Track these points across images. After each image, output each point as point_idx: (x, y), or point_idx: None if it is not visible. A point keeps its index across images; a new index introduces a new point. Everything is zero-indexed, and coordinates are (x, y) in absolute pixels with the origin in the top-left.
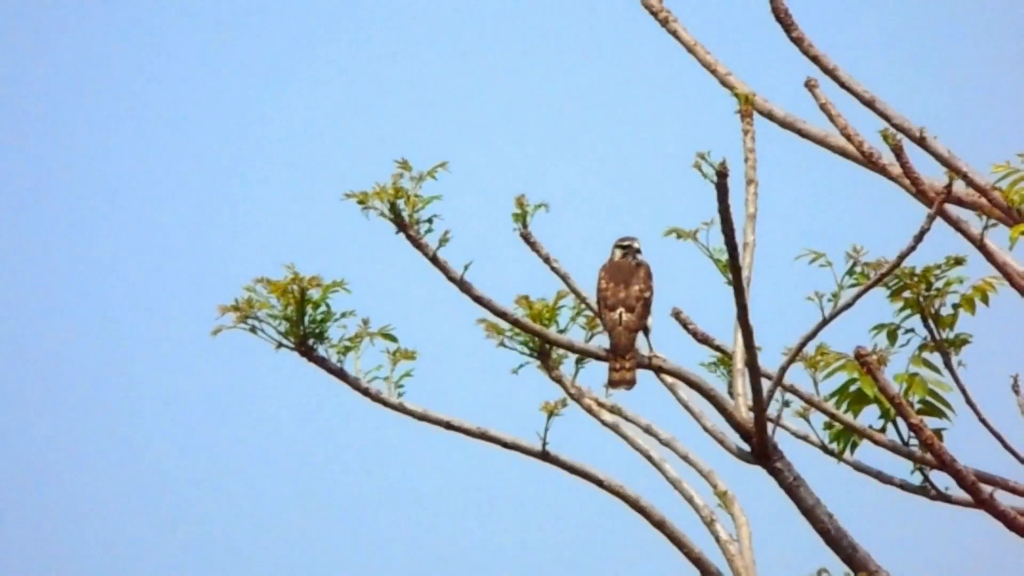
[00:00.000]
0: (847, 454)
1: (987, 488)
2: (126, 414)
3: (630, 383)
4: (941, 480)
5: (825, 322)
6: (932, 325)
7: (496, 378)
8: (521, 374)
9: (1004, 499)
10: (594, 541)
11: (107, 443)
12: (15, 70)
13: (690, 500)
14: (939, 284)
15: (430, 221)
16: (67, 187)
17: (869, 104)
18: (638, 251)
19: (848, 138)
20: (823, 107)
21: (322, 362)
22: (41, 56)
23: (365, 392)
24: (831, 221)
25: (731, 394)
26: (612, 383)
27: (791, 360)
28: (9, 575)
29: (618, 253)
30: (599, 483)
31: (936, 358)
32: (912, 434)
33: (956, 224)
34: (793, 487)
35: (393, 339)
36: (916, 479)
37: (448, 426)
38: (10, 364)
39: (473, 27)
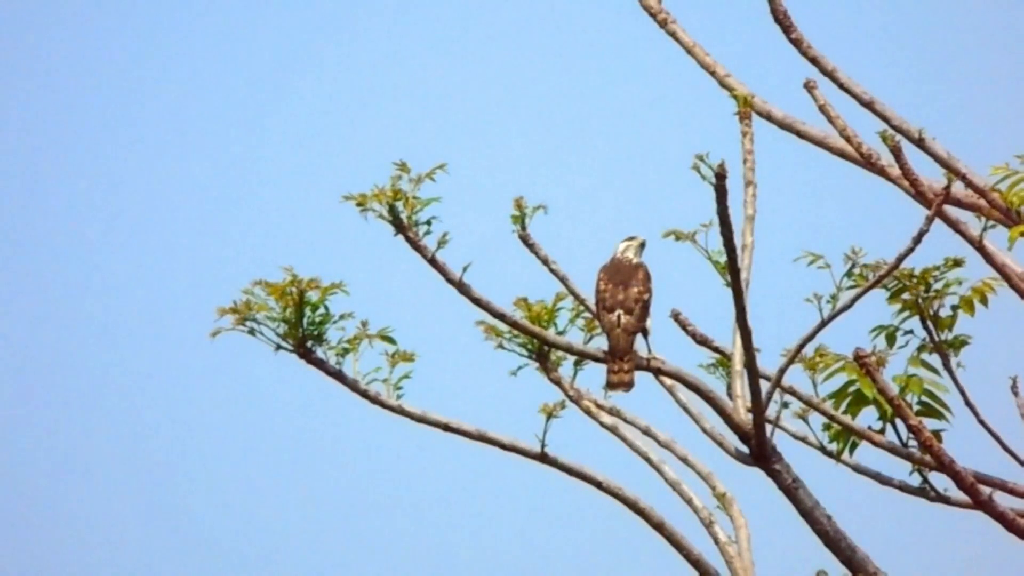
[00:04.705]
0: (846, 455)
1: (986, 489)
2: (126, 415)
3: (628, 385)
4: (940, 481)
5: (824, 324)
6: (931, 327)
7: (495, 380)
8: (520, 376)
9: (1003, 500)
10: (593, 543)
11: (107, 443)
12: (15, 70)
13: (689, 502)
14: (938, 286)
15: (429, 223)
16: (67, 188)
17: (868, 105)
18: (643, 244)
19: (847, 139)
20: (822, 108)
21: (321, 364)
22: (41, 56)
23: (364, 394)
24: (830, 223)
25: (730, 396)
26: (610, 385)
27: (790, 362)
28: (9, 575)
29: (622, 246)
30: (598, 485)
31: (935, 359)
32: (911, 435)
33: (955, 225)
34: (792, 488)
35: (392, 341)
36: (915, 480)
37: (447, 428)
38: (10, 364)
39: (473, 28)
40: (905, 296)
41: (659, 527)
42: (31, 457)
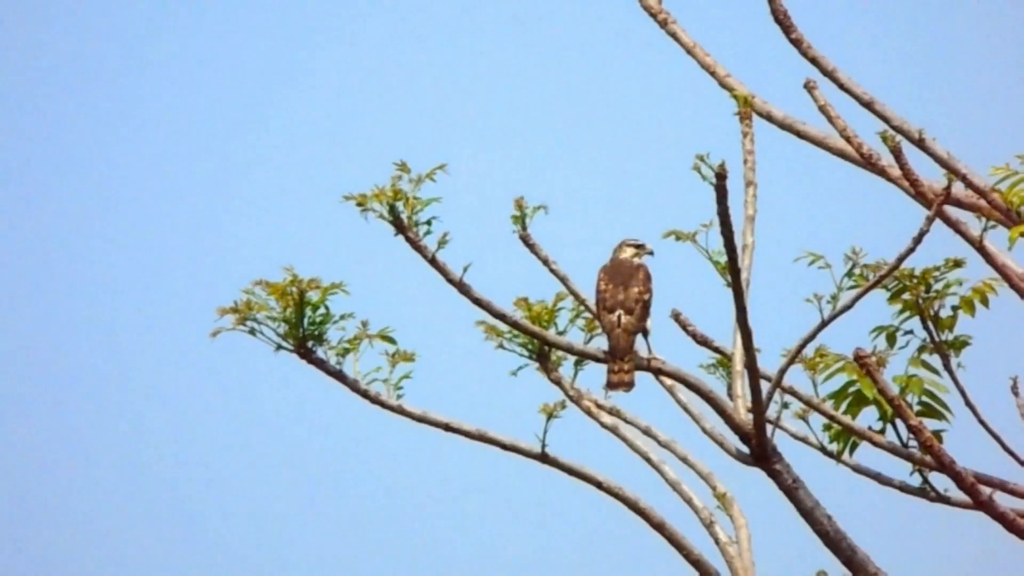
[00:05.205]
0: (846, 456)
1: (986, 490)
2: (126, 415)
3: (628, 385)
4: (940, 482)
5: (824, 324)
6: (931, 327)
7: (495, 380)
8: (520, 376)
9: (1003, 501)
10: (593, 543)
11: (107, 443)
12: (15, 70)
13: (689, 502)
14: (938, 286)
15: (429, 223)
16: (67, 188)
17: (868, 106)
18: (650, 253)
19: (847, 140)
20: (822, 109)
21: (321, 364)
22: (41, 56)
23: (364, 394)
24: (830, 223)
25: (730, 396)
26: (610, 385)
27: (790, 362)
28: (9, 575)
29: (629, 251)
30: (598, 485)
31: (935, 360)
32: (911, 436)
33: (955, 226)
34: (792, 489)
35: (392, 341)
36: (915, 481)
37: (447, 428)
38: (10, 364)
39: (473, 28)
40: (905, 296)
41: (659, 527)
42: (31, 457)
